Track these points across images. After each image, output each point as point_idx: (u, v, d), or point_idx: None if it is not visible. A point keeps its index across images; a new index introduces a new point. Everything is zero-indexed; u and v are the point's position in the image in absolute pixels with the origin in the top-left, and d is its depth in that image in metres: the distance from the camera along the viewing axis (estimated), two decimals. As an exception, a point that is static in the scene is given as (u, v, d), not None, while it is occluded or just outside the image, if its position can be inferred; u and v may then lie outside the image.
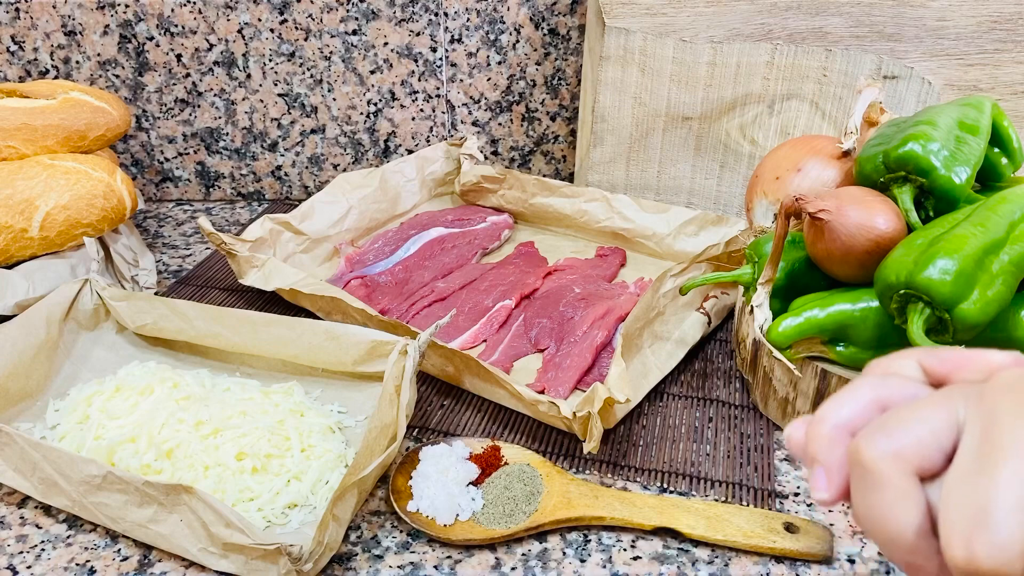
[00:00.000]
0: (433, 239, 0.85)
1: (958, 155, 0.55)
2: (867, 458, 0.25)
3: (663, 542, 0.51)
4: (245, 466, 0.54)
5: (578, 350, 0.66)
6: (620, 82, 0.83)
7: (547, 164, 1.02)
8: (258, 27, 0.93)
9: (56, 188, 0.72)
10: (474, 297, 0.75)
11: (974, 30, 0.77)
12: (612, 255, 0.83)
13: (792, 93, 0.81)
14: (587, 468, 0.57)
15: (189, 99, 0.97)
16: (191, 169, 1.01)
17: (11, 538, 0.52)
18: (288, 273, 0.72)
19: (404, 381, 0.55)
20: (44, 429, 0.60)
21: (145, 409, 0.58)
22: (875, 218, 0.54)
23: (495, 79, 0.96)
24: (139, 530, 0.50)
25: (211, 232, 0.73)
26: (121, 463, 0.54)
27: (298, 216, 0.81)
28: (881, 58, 0.78)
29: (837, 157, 0.65)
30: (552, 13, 0.92)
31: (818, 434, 0.27)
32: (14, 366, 0.61)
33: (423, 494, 0.52)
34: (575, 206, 0.86)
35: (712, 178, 0.86)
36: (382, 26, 0.93)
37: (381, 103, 0.97)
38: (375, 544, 0.51)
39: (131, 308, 0.67)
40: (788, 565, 0.49)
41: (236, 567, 0.47)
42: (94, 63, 0.95)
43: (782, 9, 0.79)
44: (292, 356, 0.64)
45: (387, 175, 0.90)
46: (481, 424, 0.62)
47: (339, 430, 0.59)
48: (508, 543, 0.51)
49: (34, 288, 0.70)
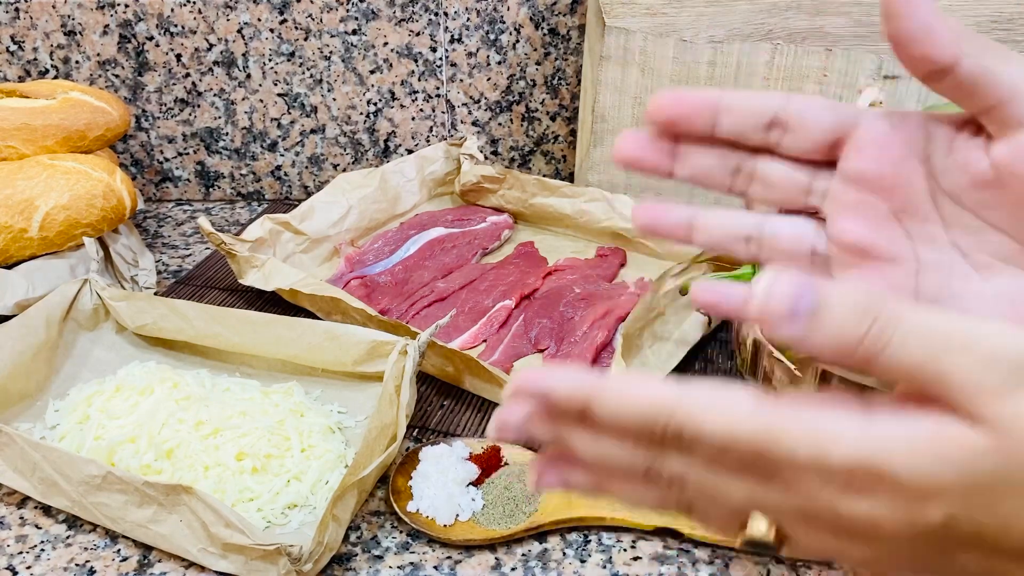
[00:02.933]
0: (433, 239, 0.85)
1: (958, 155, 0.54)
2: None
3: (663, 542, 0.51)
4: (245, 466, 0.54)
5: (578, 350, 0.66)
6: (620, 82, 0.83)
7: (547, 164, 1.02)
8: (258, 27, 0.93)
9: (56, 188, 0.72)
10: (474, 297, 0.75)
11: (974, 30, 0.77)
12: (612, 255, 0.83)
13: (792, 93, 0.81)
14: (587, 468, 0.57)
15: (189, 99, 0.97)
16: (191, 169, 1.01)
17: (11, 538, 0.52)
18: (288, 273, 0.72)
19: (404, 381, 0.55)
20: (44, 429, 0.60)
21: (145, 409, 0.58)
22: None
23: (495, 79, 0.96)
24: (139, 530, 0.50)
25: (211, 232, 0.73)
26: (121, 463, 0.54)
27: (298, 216, 0.81)
28: (881, 58, 0.78)
29: (837, 157, 0.65)
30: (552, 13, 0.92)
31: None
32: (14, 366, 0.61)
33: (423, 494, 0.52)
34: (575, 206, 0.86)
35: (712, 178, 0.86)
36: (382, 26, 0.93)
37: (381, 103, 0.97)
38: (375, 544, 0.51)
39: (131, 308, 0.67)
40: (788, 565, 0.49)
41: (236, 567, 0.47)
42: (94, 63, 0.95)
43: (782, 9, 0.79)
44: (292, 356, 0.64)
45: (387, 175, 0.89)
46: (481, 424, 0.62)
47: (339, 430, 0.59)
48: (508, 543, 0.51)
49: (34, 288, 0.70)
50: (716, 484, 0.25)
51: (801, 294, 0.23)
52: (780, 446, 0.23)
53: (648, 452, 0.25)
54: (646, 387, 0.24)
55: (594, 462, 0.27)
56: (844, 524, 0.24)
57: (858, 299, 0.23)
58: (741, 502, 0.25)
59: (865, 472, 0.23)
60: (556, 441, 0.26)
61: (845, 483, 0.23)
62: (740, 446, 0.24)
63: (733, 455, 0.24)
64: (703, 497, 0.26)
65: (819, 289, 0.23)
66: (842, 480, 0.23)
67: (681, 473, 0.25)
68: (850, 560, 0.26)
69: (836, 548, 0.26)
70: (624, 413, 0.24)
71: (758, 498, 0.25)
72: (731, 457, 0.24)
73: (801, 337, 0.23)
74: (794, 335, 0.23)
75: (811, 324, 0.23)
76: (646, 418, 0.24)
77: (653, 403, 0.24)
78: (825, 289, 0.23)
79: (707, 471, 0.25)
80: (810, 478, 0.23)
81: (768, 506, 0.25)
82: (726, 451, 0.24)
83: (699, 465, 0.25)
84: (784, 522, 0.25)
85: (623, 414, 0.24)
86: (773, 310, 0.23)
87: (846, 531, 0.24)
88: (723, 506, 0.26)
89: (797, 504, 0.24)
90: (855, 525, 0.24)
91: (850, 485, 0.23)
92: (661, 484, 0.26)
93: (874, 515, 0.23)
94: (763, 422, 0.23)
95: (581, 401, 0.25)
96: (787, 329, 0.23)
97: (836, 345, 0.23)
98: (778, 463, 0.23)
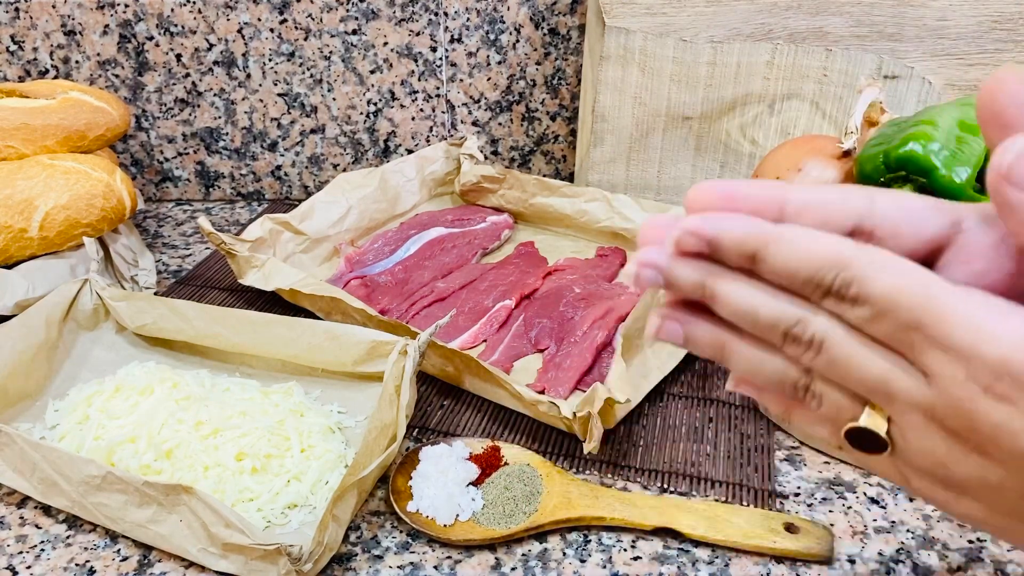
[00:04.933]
0: (433, 239, 0.85)
1: (959, 155, 0.54)
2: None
3: (663, 542, 0.51)
4: (245, 466, 0.54)
5: (578, 350, 0.66)
6: (620, 82, 0.83)
7: (547, 164, 1.02)
8: (258, 27, 0.93)
9: (56, 188, 0.72)
10: (474, 297, 0.75)
11: (975, 30, 0.77)
12: (612, 255, 0.83)
13: (792, 93, 0.81)
14: (587, 468, 0.57)
15: (189, 99, 0.97)
16: (191, 169, 1.01)
17: (11, 538, 0.52)
18: (288, 273, 0.72)
19: (404, 381, 0.55)
20: (44, 429, 0.60)
21: (145, 409, 0.58)
22: (875, 218, 0.54)
23: (495, 79, 0.96)
24: (139, 530, 0.50)
25: (211, 232, 0.73)
26: (121, 463, 0.54)
27: (298, 216, 0.81)
28: (881, 58, 0.78)
29: (837, 157, 0.65)
30: (552, 13, 0.92)
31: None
32: (14, 366, 0.61)
33: (423, 494, 0.52)
34: (575, 206, 0.86)
35: (712, 178, 0.86)
36: (382, 26, 0.93)
37: (381, 103, 0.97)
38: (375, 544, 0.51)
39: (131, 308, 0.67)
40: (788, 565, 0.49)
41: (236, 567, 0.47)
42: (94, 63, 0.95)
43: (782, 9, 0.79)
44: (292, 356, 0.64)
45: (387, 175, 0.89)
46: (481, 424, 0.62)
47: (339, 430, 0.59)
48: (508, 543, 0.51)
49: (34, 288, 0.70)
50: (857, 354, 0.24)
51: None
52: (941, 322, 0.23)
53: (801, 308, 0.25)
54: (826, 238, 0.24)
55: (735, 314, 0.26)
56: (975, 432, 0.23)
57: None
58: (874, 380, 0.24)
59: (1015, 375, 0.22)
60: (701, 286, 0.26)
61: (991, 382, 0.22)
62: (902, 312, 0.23)
63: (891, 320, 0.23)
64: (833, 370, 0.25)
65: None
66: (989, 377, 0.22)
67: (824, 336, 0.24)
68: (952, 504, 0.25)
69: (944, 475, 0.24)
70: (800, 259, 0.24)
71: (894, 379, 0.24)
72: (887, 322, 0.24)
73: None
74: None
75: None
76: (821, 266, 0.24)
77: (831, 252, 0.24)
78: None
79: (849, 338, 0.24)
80: (958, 367, 0.23)
81: (901, 391, 0.24)
82: (885, 314, 0.23)
83: (847, 330, 0.24)
84: (906, 421, 0.24)
85: (799, 260, 0.24)
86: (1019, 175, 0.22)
87: (972, 440, 0.23)
88: (853, 384, 0.25)
89: (931, 397, 0.23)
90: (984, 433, 0.23)
91: (994, 386, 0.22)
92: (797, 348, 0.25)
93: (1010, 424, 0.22)
94: (933, 293, 0.23)
95: (755, 245, 0.24)
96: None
97: None
98: (933, 339, 0.23)
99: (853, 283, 0.24)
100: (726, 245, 0.25)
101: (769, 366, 0.27)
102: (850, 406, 0.26)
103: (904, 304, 0.23)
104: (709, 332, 0.27)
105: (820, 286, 0.24)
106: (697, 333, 0.27)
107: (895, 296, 0.23)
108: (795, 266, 0.24)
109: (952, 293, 0.23)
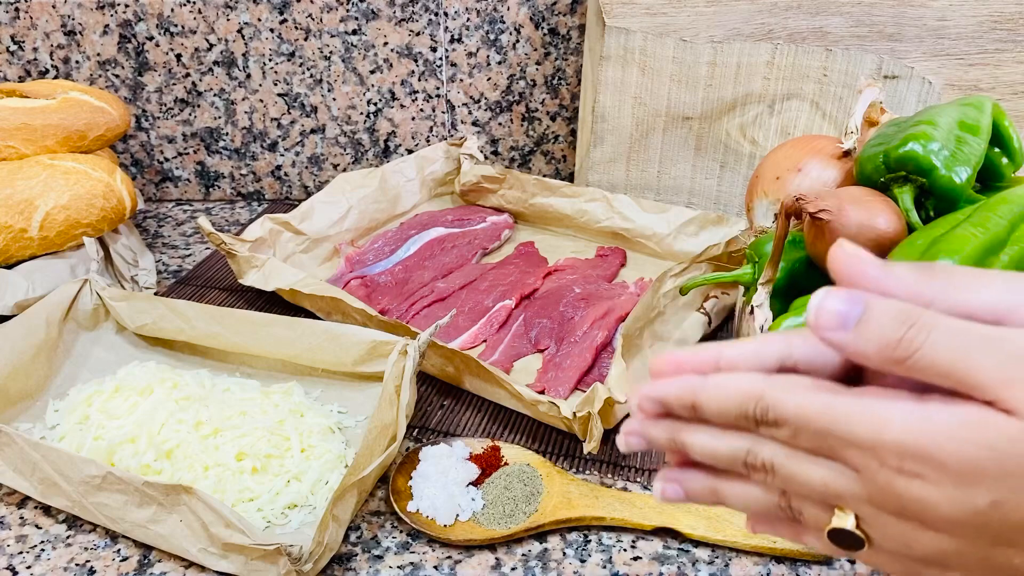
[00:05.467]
0: (433, 239, 0.85)
1: (959, 155, 0.54)
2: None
3: (663, 542, 0.51)
4: (245, 466, 0.54)
5: (578, 350, 0.66)
6: (620, 82, 0.83)
7: (547, 164, 1.02)
8: (258, 27, 0.93)
9: (56, 188, 0.72)
10: (474, 297, 0.75)
11: (975, 30, 0.77)
12: (612, 255, 0.83)
13: (792, 93, 0.81)
14: (587, 468, 0.57)
15: (189, 99, 0.97)
16: (191, 169, 1.01)
17: (11, 538, 0.52)
18: (288, 273, 0.72)
19: (404, 381, 0.55)
20: (44, 429, 0.60)
21: (145, 409, 0.58)
22: (876, 218, 0.54)
23: (495, 79, 0.96)
24: (139, 530, 0.50)
25: (211, 232, 0.73)
26: (121, 463, 0.54)
27: (298, 216, 0.81)
28: (881, 58, 0.78)
29: (837, 157, 0.65)
30: (552, 13, 0.92)
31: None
32: (14, 366, 0.61)
33: (423, 494, 0.52)
34: (575, 206, 0.86)
35: (712, 178, 0.86)
36: (382, 26, 0.93)
37: (381, 103, 0.97)
38: (375, 544, 0.51)
39: (131, 308, 0.67)
40: (788, 565, 0.49)
41: (236, 567, 0.47)
42: (94, 63, 0.95)
43: (782, 9, 0.79)
44: (292, 356, 0.64)
45: (387, 175, 0.89)
46: (481, 424, 0.62)
47: (339, 430, 0.59)
48: (508, 543, 0.51)
49: (34, 288, 0.70)
50: (800, 468, 0.28)
51: (850, 307, 0.26)
52: (846, 423, 0.26)
53: (747, 439, 0.29)
54: (741, 377, 0.29)
55: (704, 456, 0.30)
56: (908, 511, 0.26)
57: (898, 307, 0.26)
58: (820, 487, 0.28)
59: (913, 453, 0.25)
60: (672, 441, 0.31)
61: (899, 464, 0.25)
62: (813, 424, 0.27)
63: (808, 433, 0.27)
64: (791, 485, 0.29)
65: (864, 300, 0.26)
66: (896, 460, 0.25)
67: (771, 458, 0.28)
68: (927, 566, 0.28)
69: (918, 555, 0.27)
70: (725, 399, 0.28)
71: (833, 481, 0.27)
72: (807, 435, 0.27)
73: (849, 342, 0.26)
74: (843, 341, 0.26)
75: (857, 331, 0.26)
76: (742, 401, 0.28)
77: (745, 388, 0.28)
78: (870, 300, 0.26)
79: (790, 456, 0.28)
80: (870, 458, 0.26)
81: (843, 490, 0.27)
82: (801, 429, 0.27)
83: (787, 449, 0.28)
84: (863, 514, 0.27)
85: (725, 400, 0.28)
86: (825, 322, 0.27)
87: (912, 518, 0.26)
88: (808, 493, 0.28)
89: (867, 490, 0.27)
90: (913, 509, 0.26)
91: (903, 466, 0.25)
92: (759, 474, 0.29)
93: (928, 497, 0.25)
94: (831, 401, 0.27)
95: (690, 397, 0.29)
96: (838, 336, 0.26)
97: (878, 348, 0.26)
98: (844, 440, 0.26)
99: (769, 409, 0.28)
100: (671, 402, 0.30)
101: (754, 496, 0.30)
102: (823, 513, 0.29)
103: (812, 417, 0.27)
104: (701, 481, 0.31)
105: (748, 417, 0.28)
106: (692, 486, 0.31)
107: (803, 412, 0.27)
108: (724, 405, 0.29)
109: (848, 396, 0.27)
